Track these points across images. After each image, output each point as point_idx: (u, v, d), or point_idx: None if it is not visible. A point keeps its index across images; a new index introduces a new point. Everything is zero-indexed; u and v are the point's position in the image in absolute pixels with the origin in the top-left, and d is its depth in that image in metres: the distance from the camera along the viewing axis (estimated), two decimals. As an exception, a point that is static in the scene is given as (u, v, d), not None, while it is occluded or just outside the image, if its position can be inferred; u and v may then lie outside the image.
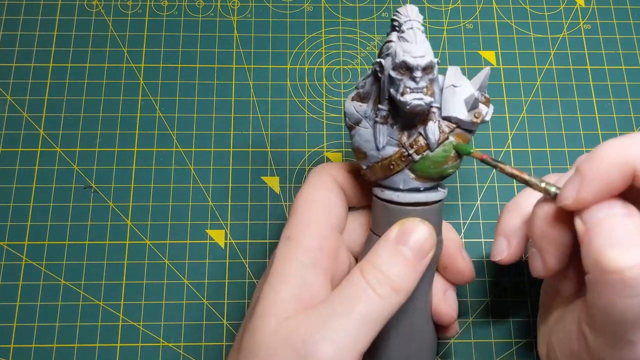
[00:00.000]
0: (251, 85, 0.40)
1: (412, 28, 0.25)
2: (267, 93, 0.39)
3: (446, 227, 0.29)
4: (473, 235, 0.36)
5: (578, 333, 0.24)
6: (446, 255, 0.29)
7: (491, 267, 0.36)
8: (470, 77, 0.26)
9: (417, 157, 0.25)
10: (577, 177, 0.22)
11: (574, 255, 0.24)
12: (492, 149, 0.38)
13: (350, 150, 0.38)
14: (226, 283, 0.35)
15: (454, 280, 0.30)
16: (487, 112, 0.26)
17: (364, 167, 0.27)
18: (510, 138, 0.39)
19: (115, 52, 0.40)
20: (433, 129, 0.25)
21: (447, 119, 0.25)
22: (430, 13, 0.42)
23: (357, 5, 0.42)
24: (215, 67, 0.40)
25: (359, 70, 0.40)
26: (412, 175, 0.26)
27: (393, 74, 0.24)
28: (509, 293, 0.35)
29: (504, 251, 0.27)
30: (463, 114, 0.25)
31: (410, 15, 0.25)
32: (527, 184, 0.24)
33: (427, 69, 0.24)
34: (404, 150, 0.26)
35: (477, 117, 0.25)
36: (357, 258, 0.29)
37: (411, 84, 0.24)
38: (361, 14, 0.42)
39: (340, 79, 0.40)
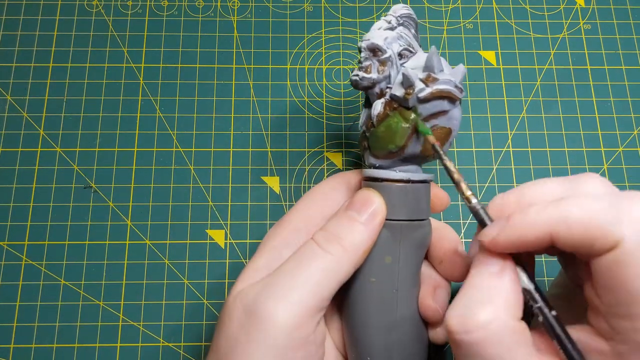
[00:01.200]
0: (251, 85, 0.40)
1: (379, 20, 0.28)
2: (267, 93, 0.39)
3: (442, 225, 0.30)
4: (473, 235, 0.36)
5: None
6: (442, 250, 0.29)
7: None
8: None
9: (367, 133, 0.27)
10: (504, 223, 0.23)
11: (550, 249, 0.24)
12: (492, 149, 0.38)
13: (349, 150, 0.38)
14: (226, 283, 0.35)
15: (449, 276, 0.29)
16: (421, 89, 0.25)
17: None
18: (510, 138, 0.39)
19: (115, 52, 0.40)
20: (376, 105, 0.27)
21: (391, 96, 0.27)
22: (430, 13, 0.42)
23: (357, 5, 0.42)
24: (215, 67, 0.40)
25: (359, 70, 0.40)
26: (369, 151, 0.28)
27: None
28: (509, 293, 0.35)
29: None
30: (398, 90, 0.26)
31: (390, 10, 0.28)
32: (456, 185, 0.25)
33: (373, 50, 0.27)
34: (364, 126, 0.28)
35: (408, 93, 0.26)
36: None
37: (359, 63, 0.28)
38: (361, 14, 0.42)
39: (340, 79, 0.40)
